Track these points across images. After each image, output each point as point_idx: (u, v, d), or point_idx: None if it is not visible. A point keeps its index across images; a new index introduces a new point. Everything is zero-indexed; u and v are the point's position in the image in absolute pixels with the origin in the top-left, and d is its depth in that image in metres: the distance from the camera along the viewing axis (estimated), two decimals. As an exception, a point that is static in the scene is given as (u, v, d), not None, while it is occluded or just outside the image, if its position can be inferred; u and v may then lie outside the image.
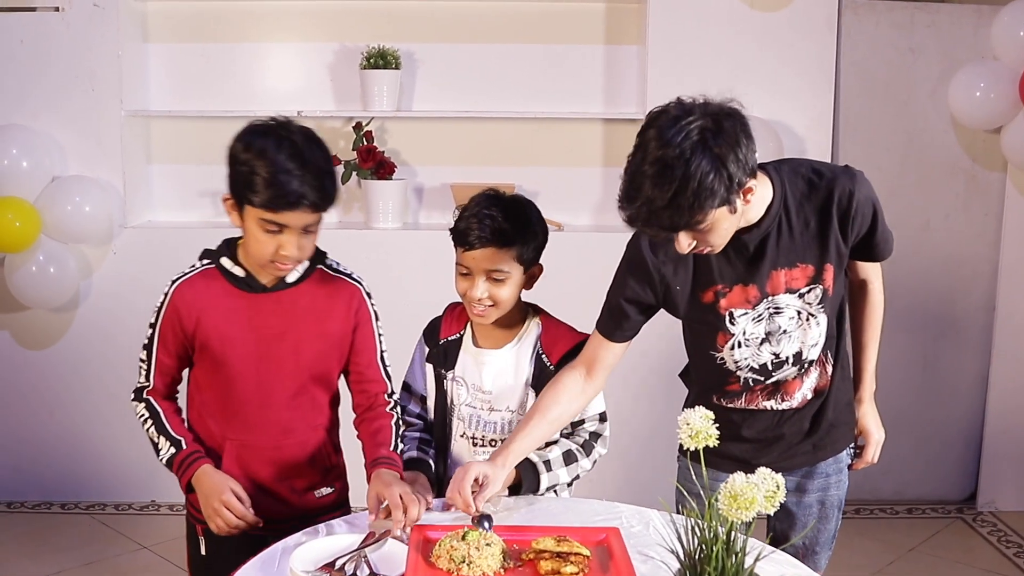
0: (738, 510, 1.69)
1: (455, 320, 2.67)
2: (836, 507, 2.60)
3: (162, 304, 2.43)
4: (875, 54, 4.67)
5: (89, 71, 4.52)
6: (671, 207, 2.05)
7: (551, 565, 2.04)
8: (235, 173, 2.27)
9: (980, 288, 4.85)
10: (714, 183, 2.04)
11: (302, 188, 2.21)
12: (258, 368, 2.42)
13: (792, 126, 4.57)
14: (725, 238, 2.21)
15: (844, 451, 2.59)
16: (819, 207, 2.31)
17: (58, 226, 4.39)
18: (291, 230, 2.27)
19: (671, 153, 2.04)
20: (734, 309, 2.36)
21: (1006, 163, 4.66)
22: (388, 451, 2.47)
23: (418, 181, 4.84)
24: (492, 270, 2.49)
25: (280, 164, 2.20)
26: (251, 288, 2.41)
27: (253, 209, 2.25)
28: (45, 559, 4.27)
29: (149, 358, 2.46)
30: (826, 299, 2.36)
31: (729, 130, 2.07)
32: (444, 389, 2.63)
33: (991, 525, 4.73)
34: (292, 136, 2.26)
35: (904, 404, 4.90)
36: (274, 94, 4.79)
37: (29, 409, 4.75)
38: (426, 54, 4.78)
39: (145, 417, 2.45)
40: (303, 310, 2.44)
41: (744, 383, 2.43)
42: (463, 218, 2.52)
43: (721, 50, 4.54)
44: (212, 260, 2.45)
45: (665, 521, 2.32)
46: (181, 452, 2.39)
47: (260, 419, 2.45)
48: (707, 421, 1.82)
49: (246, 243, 2.35)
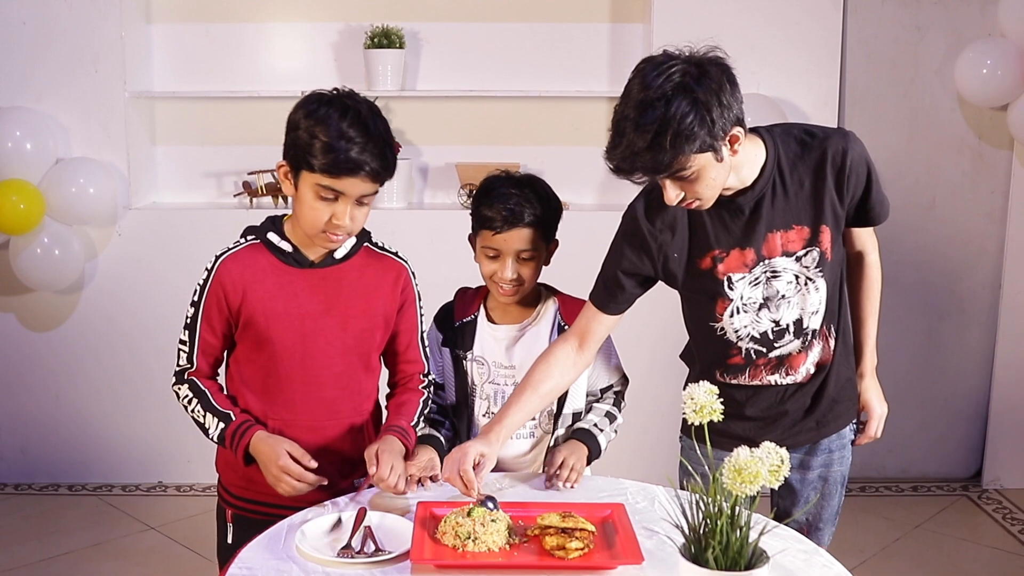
0: (742, 484, 1.69)
1: (468, 303, 2.68)
2: (839, 483, 2.59)
3: (206, 280, 2.38)
4: (881, 32, 4.65)
5: (92, 52, 4.52)
6: (652, 148, 2.06)
7: (556, 541, 2.04)
8: (294, 138, 2.26)
9: (986, 266, 4.84)
10: (694, 125, 2.05)
11: (362, 155, 2.21)
12: (304, 344, 2.39)
13: (798, 104, 4.55)
14: (714, 190, 2.20)
15: (847, 427, 2.58)
16: (813, 167, 2.31)
17: (62, 208, 4.40)
18: (346, 199, 2.25)
19: (652, 95, 2.06)
20: (732, 273, 2.35)
21: (1013, 141, 4.64)
22: (406, 423, 2.47)
23: (423, 160, 4.84)
24: (522, 250, 2.52)
25: (343, 131, 2.20)
26: (298, 263, 2.39)
27: (310, 174, 2.24)
28: (53, 540, 4.28)
29: (192, 338, 2.41)
30: (824, 263, 2.35)
31: (713, 75, 2.09)
32: (464, 370, 2.63)
33: (996, 503, 4.73)
34: (357, 106, 2.26)
35: (909, 382, 4.90)
36: (278, 74, 4.78)
37: (35, 391, 4.76)
38: (430, 33, 4.76)
39: (190, 398, 2.40)
40: (350, 287, 2.43)
41: (746, 355, 2.42)
42: (487, 202, 2.53)
43: (726, 28, 4.50)
44: (258, 235, 2.42)
45: (670, 497, 2.33)
46: (231, 424, 2.35)
47: (304, 397, 2.42)
48: (712, 396, 1.82)
49: (298, 212, 2.33)
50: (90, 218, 4.49)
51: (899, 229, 4.77)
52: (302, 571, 2.00)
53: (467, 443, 2.36)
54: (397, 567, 2.02)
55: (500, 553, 2.06)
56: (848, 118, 4.69)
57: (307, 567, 2.02)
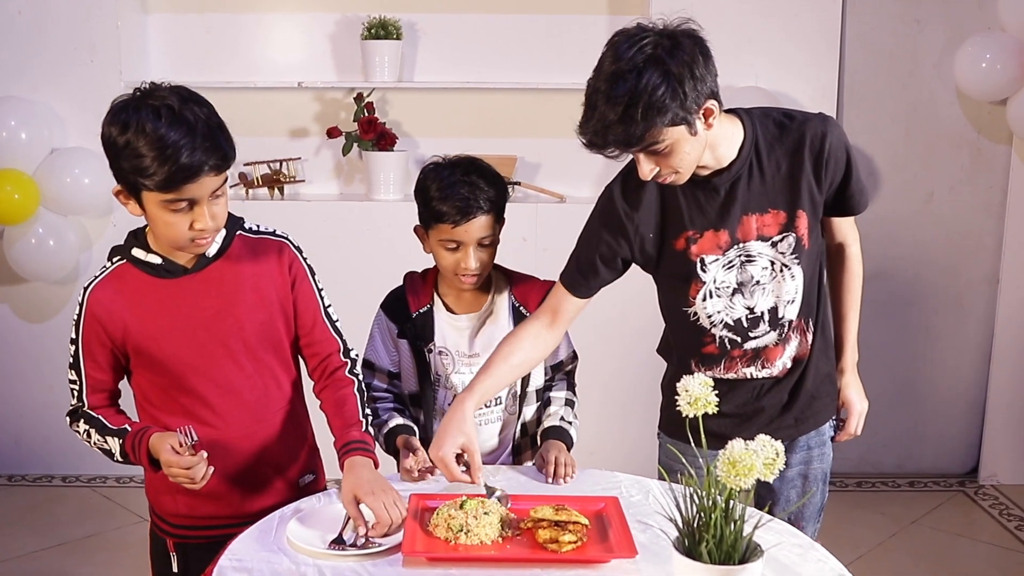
0: (736, 477, 1.68)
1: (420, 292, 2.61)
2: (820, 480, 2.56)
3: (79, 315, 2.20)
4: (880, 25, 4.63)
5: (88, 42, 4.50)
6: (623, 121, 2.05)
7: (549, 534, 2.03)
8: (119, 160, 2.03)
9: (984, 261, 4.82)
10: (665, 97, 2.04)
11: (194, 155, 2.00)
12: (205, 356, 2.23)
13: (797, 98, 4.53)
14: (689, 165, 2.19)
15: (826, 423, 2.55)
16: (791, 150, 2.28)
17: (57, 198, 4.38)
18: (200, 202, 2.07)
19: (623, 67, 2.05)
20: (705, 255, 2.33)
21: (1011, 135, 4.62)
22: (359, 432, 2.29)
23: (419, 152, 4.81)
24: (482, 237, 2.49)
25: (163, 137, 1.98)
26: (171, 273, 2.21)
27: (152, 194, 2.03)
28: (46, 532, 4.28)
29: (79, 377, 2.23)
30: (800, 250, 2.33)
31: (686, 47, 2.07)
32: (426, 362, 2.59)
33: (993, 498, 4.72)
34: (166, 100, 2.03)
35: (906, 377, 4.89)
36: (274, 65, 4.76)
37: (29, 382, 4.75)
38: (427, 24, 4.74)
39: (87, 430, 2.23)
40: (233, 282, 2.25)
41: (720, 344, 2.40)
42: (435, 197, 2.47)
43: (725, 21, 4.49)
44: (122, 255, 2.23)
45: (664, 490, 2.31)
46: (128, 435, 2.17)
47: (225, 408, 2.27)
48: (706, 387, 1.80)
49: (156, 231, 2.14)
50: (85, 208, 4.47)
51: (897, 223, 4.76)
52: (292, 563, 1.99)
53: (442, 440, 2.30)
54: (388, 560, 2.01)
55: (492, 546, 2.04)
56: (846, 112, 4.67)
57: (297, 559, 2.01)
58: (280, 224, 2.43)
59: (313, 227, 4.50)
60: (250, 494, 2.34)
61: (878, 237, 4.77)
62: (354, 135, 4.62)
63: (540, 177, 4.76)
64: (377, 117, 4.60)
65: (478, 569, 1.98)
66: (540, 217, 4.52)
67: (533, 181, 4.74)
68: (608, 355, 4.42)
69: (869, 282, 4.70)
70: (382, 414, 2.59)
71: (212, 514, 2.31)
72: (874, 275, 4.77)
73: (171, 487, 2.24)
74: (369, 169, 4.62)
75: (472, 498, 2.13)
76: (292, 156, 4.68)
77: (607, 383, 4.45)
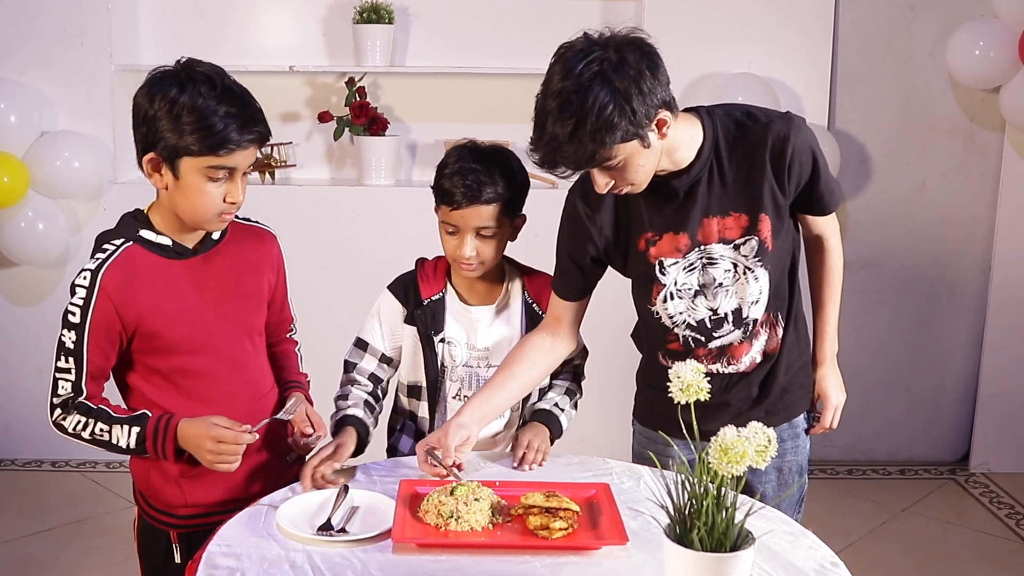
0: (729, 464, 1.67)
1: (432, 278, 2.57)
2: (796, 472, 2.51)
3: (88, 298, 2.12)
4: (874, 12, 4.62)
5: (78, 25, 4.47)
6: (572, 142, 2.03)
7: (540, 520, 2.02)
8: (159, 127, 2.07)
9: (976, 249, 4.83)
10: (613, 115, 2.01)
11: (247, 123, 2.09)
12: (214, 336, 2.25)
13: (790, 85, 4.53)
14: (644, 176, 2.16)
15: (800, 415, 2.51)
16: (752, 152, 2.24)
17: (47, 182, 4.35)
18: (237, 172, 2.13)
19: (570, 86, 2.02)
20: (664, 258, 2.31)
21: (1004, 123, 4.62)
22: (296, 375, 2.49)
23: (411, 137, 4.80)
24: (481, 227, 2.44)
25: (221, 100, 2.06)
26: (180, 255, 2.22)
27: (196, 160, 2.07)
28: (36, 517, 4.27)
29: (79, 364, 2.16)
30: (764, 253, 2.29)
31: (632, 63, 2.03)
32: (435, 351, 2.55)
33: (983, 486, 4.73)
34: (211, 72, 2.10)
35: (898, 365, 4.90)
36: (266, 49, 4.73)
37: (18, 367, 4.73)
38: (420, 8, 4.71)
39: (84, 422, 2.17)
40: (236, 264, 2.30)
41: (684, 343, 2.38)
42: (445, 175, 2.45)
43: (719, 7, 4.49)
44: (127, 237, 2.20)
45: (656, 477, 2.31)
46: (150, 420, 2.15)
47: (232, 389, 2.29)
48: (699, 374, 1.79)
49: (186, 201, 2.14)
50: (75, 192, 4.45)
51: (889, 211, 4.76)
52: (282, 548, 1.98)
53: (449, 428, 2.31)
54: (378, 546, 2.00)
55: (483, 532, 2.04)
56: (840, 99, 4.66)
57: (287, 544, 2.00)
58: (271, 208, 2.44)
59: (304, 212, 4.49)
60: (254, 476, 2.34)
61: (871, 225, 4.78)
62: (345, 120, 4.60)
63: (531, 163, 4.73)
64: (369, 102, 4.58)
65: (468, 555, 1.97)
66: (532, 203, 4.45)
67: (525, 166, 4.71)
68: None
69: (861, 270, 4.75)
70: (351, 399, 2.53)
71: (221, 499, 2.30)
72: (866, 263, 4.79)
73: (174, 478, 2.25)
74: (360, 154, 4.60)
75: (462, 484, 2.12)
76: (283, 141, 4.66)
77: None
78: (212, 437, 2.11)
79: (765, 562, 1.95)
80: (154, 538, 2.36)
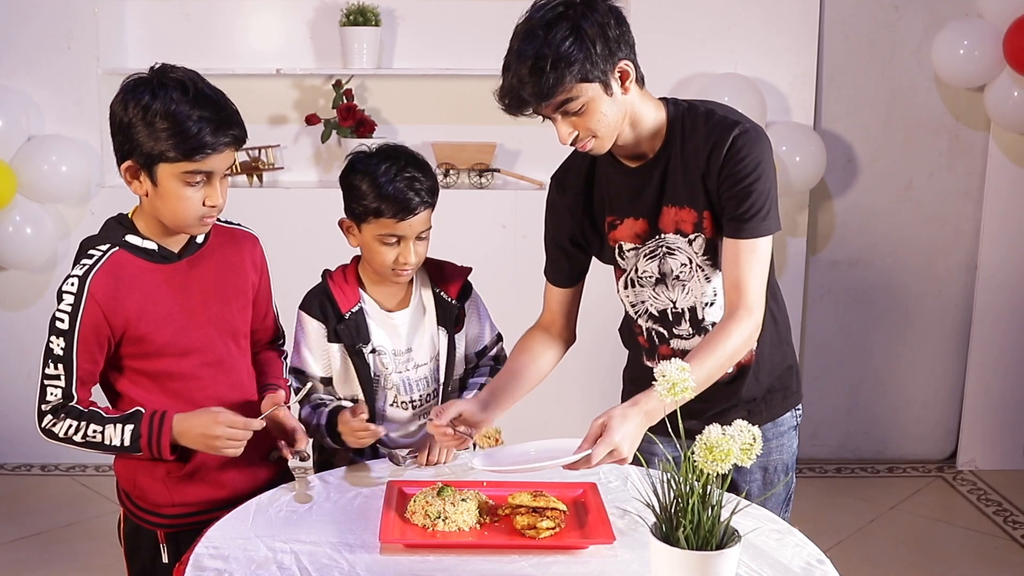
0: (714, 462, 1.68)
1: (346, 290, 2.53)
2: (781, 472, 2.49)
3: (77, 304, 2.12)
4: (859, 11, 4.64)
5: (66, 29, 4.47)
6: (533, 74, 2.06)
7: (527, 520, 2.03)
8: (134, 135, 2.08)
9: (962, 247, 4.84)
10: (573, 50, 2.05)
11: (221, 126, 2.09)
12: (202, 339, 2.27)
13: (776, 84, 4.54)
14: (607, 128, 2.17)
15: (787, 414, 2.48)
16: (699, 148, 2.23)
17: (35, 186, 4.35)
18: (215, 177, 2.13)
19: (533, 25, 2.08)
20: (623, 242, 2.35)
21: (989, 122, 4.64)
22: (281, 380, 2.47)
23: (399, 139, 4.77)
24: (423, 231, 2.45)
25: (193, 106, 2.07)
26: (166, 259, 2.23)
27: (172, 165, 2.08)
28: (25, 521, 4.26)
29: (69, 370, 2.15)
30: (713, 253, 2.28)
31: (600, 9, 2.10)
32: (366, 363, 2.51)
33: (971, 484, 4.75)
34: (186, 77, 2.11)
35: (885, 363, 4.91)
36: (253, 52, 4.73)
37: (7, 371, 4.72)
38: (406, 10, 4.71)
39: (76, 425, 2.17)
40: (220, 268, 2.32)
41: (648, 337, 2.40)
42: (377, 191, 2.39)
43: (705, 7, 4.49)
44: (112, 242, 2.20)
45: (643, 476, 2.31)
46: (143, 416, 2.17)
47: (220, 390, 2.29)
48: (684, 372, 1.80)
49: (166, 207, 2.14)
50: (63, 196, 4.44)
51: (876, 210, 4.78)
52: (269, 550, 1.99)
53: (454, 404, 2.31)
54: (365, 546, 2.00)
55: (471, 532, 2.05)
56: (825, 98, 4.68)
57: (274, 546, 2.00)
58: (259, 211, 2.44)
59: (292, 214, 4.49)
60: (240, 474, 2.35)
61: (857, 224, 4.79)
62: (333, 122, 4.60)
63: (519, 164, 4.75)
64: (356, 104, 4.58)
65: (456, 556, 1.98)
66: (519, 204, 4.52)
67: (512, 168, 4.72)
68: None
69: (848, 269, 4.78)
70: (326, 406, 2.50)
71: (207, 498, 2.30)
72: (853, 262, 4.81)
73: (161, 477, 2.26)
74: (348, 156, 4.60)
75: (448, 485, 2.13)
76: (271, 143, 4.66)
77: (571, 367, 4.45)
78: (221, 422, 2.15)
79: (751, 560, 1.96)
80: (141, 539, 2.36)
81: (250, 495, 2.26)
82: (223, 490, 2.32)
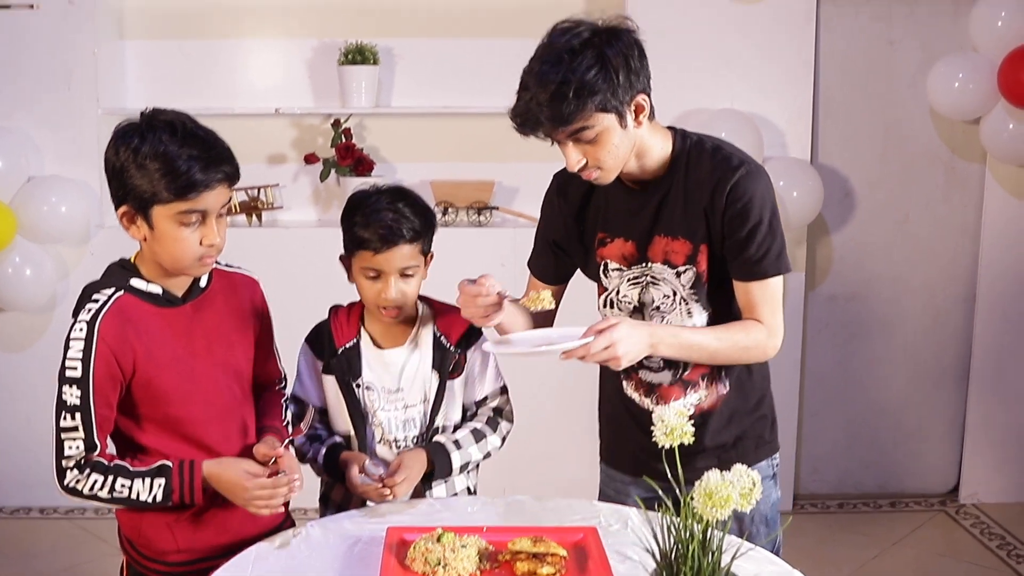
0: (713, 508, 1.67)
1: (346, 325, 2.56)
2: (761, 523, 2.39)
3: (88, 349, 2.11)
4: (854, 46, 4.66)
5: (65, 69, 4.49)
6: (554, 99, 2.07)
7: (528, 566, 2.01)
8: (130, 177, 2.09)
9: (960, 279, 4.85)
10: (598, 79, 2.06)
11: (211, 164, 2.10)
12: (207, 382, 2.27)
13: (772, 119, 4.55)
14: (616, 159, 2.18)
15: (763, 462, 2.43)
16: (703, 183, 2.24)
17: (34, 227, 4.35)
18: (210, 216, 2.14)
19: (558, 49, 2.09)
20: (609, 260, 2.36)
21: (985, 154, 4.65)
22: (279, 424, 2.42)
23: (397, 178, 4.80)
24: (404, 267, 2.45)
25: (182, 146, 2.08)
26: (171, 303, 2.23)
27: (165, 207, 2.09)
28: (23, 564, 4.24)
29: (87, 419, 2.12)
30: (700, 288, 2.29)
31: (624, 39, 2.11)
32: (356, 398, 2.53)
33: (974, 517, 4.73)
34: (171, 120, 2.12)
35: (885, 397, 4.90)
36: (252, 91, 4.75)
37: (5, 413, 4.70)
38: (404, 49, 4.74)
39: (102, 481, 2.14)
40: (223, 312, 2.32)
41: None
42: (362, 221, 2.43)
43: (701, 43, 4.51)
44: (116, 286, 2.20)
45: (643, 520, 2.30)
46: (172, 467, 2.16)
47: (225, 434, 2.30)
48: (682, 417, 1.80)
49: (165, 250, 2.15)
50: (62, 237, 4.45)
51: (873, 243, 4.79)
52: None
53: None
54: (366, 594, 2.00)
55: (471, 579, 2.04)
56: (822, 132, 4.69)
57: (275, 595, 2.00)
58: (258, 251, 2.44)
59: (291, 253, 4.49)
60: (243, 519, 2.31)
61: (854, 258, 4.80)
62: (332, 161, 4.61)
63: (518, 201, 4.76)
64: (355, 143, 4.60)
65: (456, 602, 1.97)
66: (518, 241, 4.51)
67: (511, 205, 4.73)
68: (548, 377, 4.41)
69: (846, 303, 4.78)
70: (319, 456, 2.53)
71: (212, 544, 2.29)
72: (851, 296, 4.81)
73: (166, 523, 2.25)
74: (347, 195, 4.58)
75: (448, 530, 2.12)
76: (270, 183, 4.67)
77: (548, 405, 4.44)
78: (254, 486, 2.18)
79: (753, 604, 1.95)
80: None
81: (253, 540, 2.24)
82: (228, 535, 2.30)
